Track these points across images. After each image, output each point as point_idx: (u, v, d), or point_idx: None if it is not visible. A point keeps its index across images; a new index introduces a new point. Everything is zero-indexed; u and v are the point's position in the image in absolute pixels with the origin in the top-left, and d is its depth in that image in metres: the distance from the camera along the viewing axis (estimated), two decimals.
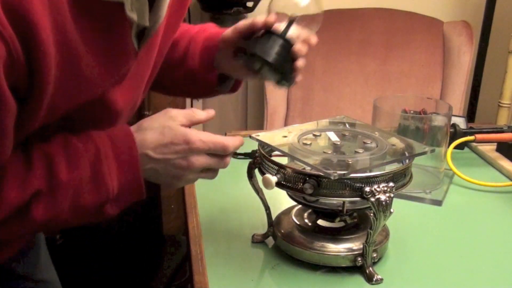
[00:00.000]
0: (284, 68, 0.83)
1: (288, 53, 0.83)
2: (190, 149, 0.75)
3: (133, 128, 0.76)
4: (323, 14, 0.87)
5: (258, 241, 0.93)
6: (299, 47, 0.84)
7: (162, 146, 0.74)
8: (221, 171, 0.80)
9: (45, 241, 1.06)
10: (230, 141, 0.78)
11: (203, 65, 0.95)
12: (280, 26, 0.84)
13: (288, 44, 0.83)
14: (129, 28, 0.70)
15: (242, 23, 0.87)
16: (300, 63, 0.85)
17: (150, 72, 0.84)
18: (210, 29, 0.96)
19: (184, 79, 0.97)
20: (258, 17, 0.85)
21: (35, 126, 0.67)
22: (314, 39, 0.87)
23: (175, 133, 0.75)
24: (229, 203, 1.07)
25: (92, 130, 0.73)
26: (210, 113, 0.81)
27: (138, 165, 0.73)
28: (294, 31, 0.85)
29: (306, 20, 0.86)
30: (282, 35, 0.83)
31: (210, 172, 0.80)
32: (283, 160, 0.86)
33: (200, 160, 0.76)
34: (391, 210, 0.79)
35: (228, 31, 0.90)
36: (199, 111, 0.79)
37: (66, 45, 0.62)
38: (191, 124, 0.78)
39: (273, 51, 0.82)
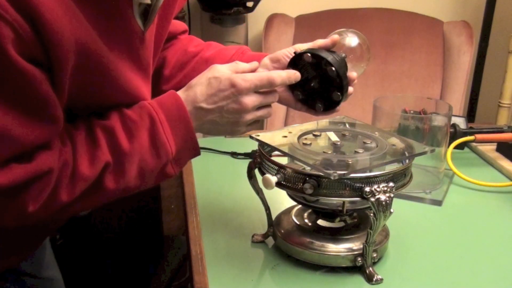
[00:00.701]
0: (343, 76, 0.87)
1: (345, 69, 0.89)
2: (238, 91, 0.78)
3: (183, 89, 0.80)
4: (368, 61, 0.98)
5: (258, 241, 0.93)
6: (353, 74, 0.90)
7: (211, 95, 0.78)
8: (221, 171, 0.80)
9: (49, 241, 1.08)
10: (274, 73, 0.81)
11: None
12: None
13: (345, 63, 0.89)
14: (130, 6, 0.72)
15: (321, 41, 0.90)
16: (350, 88, 0.90)
17: (152, 57, 0.85)
18: (247, 51, 0.99)
19: None
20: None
21: (65, 95, 0.68)
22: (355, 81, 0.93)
23: (220, 80, 0.79)
24: (229, 203, 1.07)
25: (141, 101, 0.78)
26: (253, 64, 0.84)
27: (190, 122, 0.78)
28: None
29: (355, 59, 0.94)
30: (343, 54, 0.90)
31: (265, 109, 0.83)
32: (283, 160, 0.86)
33: (250, 99, 0.79)
34: (391, 210, 0.79)
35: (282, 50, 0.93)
36: (242, 63, 0.83)
37: (72, 22, 0.64)
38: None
39: (336, 59, 0.88)
